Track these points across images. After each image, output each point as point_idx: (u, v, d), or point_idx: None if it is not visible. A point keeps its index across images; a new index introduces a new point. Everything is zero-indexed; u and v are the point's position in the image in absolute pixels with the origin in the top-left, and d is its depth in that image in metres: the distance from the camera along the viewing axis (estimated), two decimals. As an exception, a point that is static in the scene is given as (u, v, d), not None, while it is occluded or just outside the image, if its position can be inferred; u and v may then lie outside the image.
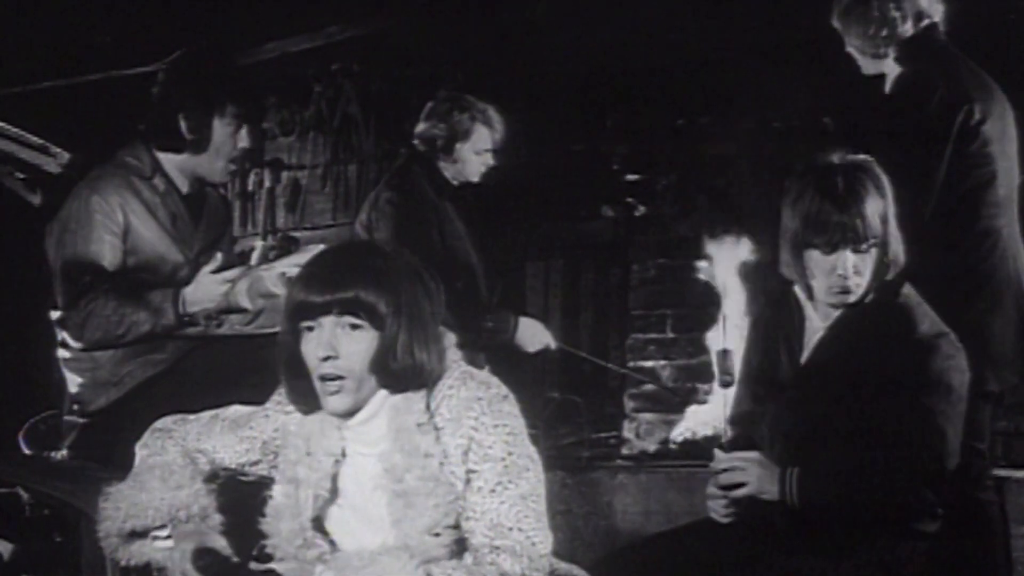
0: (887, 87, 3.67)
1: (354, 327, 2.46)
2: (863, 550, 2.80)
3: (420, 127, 4.47)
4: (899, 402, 2.78)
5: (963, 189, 3.54)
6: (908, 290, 2.93)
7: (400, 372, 2.48)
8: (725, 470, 2.85)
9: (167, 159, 3.61)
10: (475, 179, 4.45)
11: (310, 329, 2.48)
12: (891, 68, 3.65)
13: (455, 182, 4.46)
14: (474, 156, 4.42)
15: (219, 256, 3.50)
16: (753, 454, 2.86)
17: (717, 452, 2.89)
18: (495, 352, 4.42)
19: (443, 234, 4.39)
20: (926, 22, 3.62)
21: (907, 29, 3.61)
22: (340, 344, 2.47)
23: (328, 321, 2.47)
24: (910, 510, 2.79)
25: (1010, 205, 3.65)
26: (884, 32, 3.60)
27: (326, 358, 2.47)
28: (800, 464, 2.81)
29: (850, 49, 3.71)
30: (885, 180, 2.90)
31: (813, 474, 2.79)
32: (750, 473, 2.82)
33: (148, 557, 2.64)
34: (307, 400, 2.55)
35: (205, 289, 3.46)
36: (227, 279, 3.45)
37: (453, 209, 4.45)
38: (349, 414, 2.53)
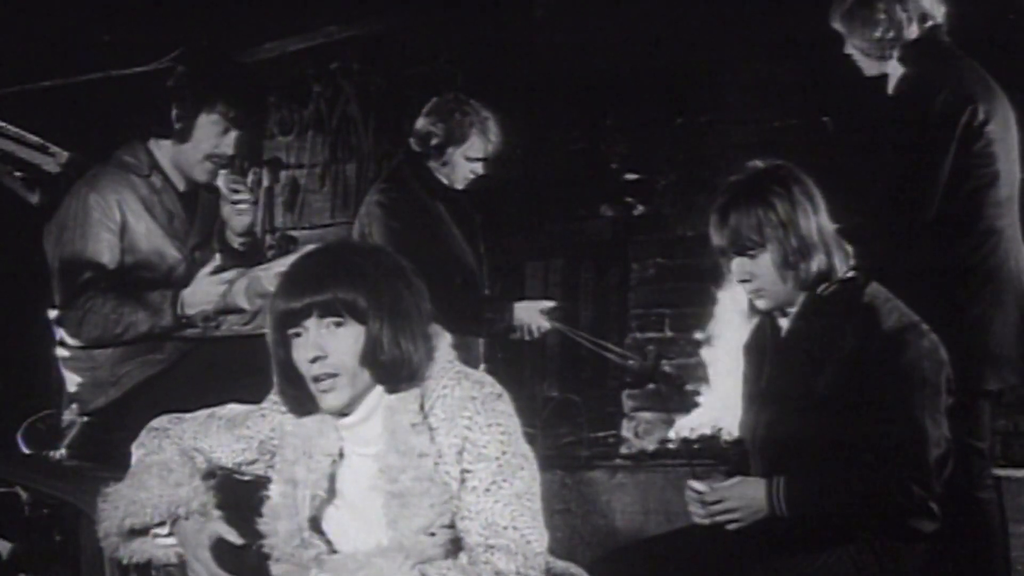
0: (890, 88, 3.67)
1: (338, 324, 2.47)
2: (862, 549, 2.79)
3: (419, 122, 4.45)
4: (874, 401, 2.76)
5: (966, 189, 3.54)
6: (874, 289, 2.89)
7: (389, 364, 2.48)
8: (710, 502, 2.83)
9: (163, 156, 3.61)
10: (459, 186, 4.42)
11: (297, 335, 2.50)
12: (894, 69, 3.65)
13: (447, 183, 4.45)
14: (464, 162, 4.40)
15: (217, 257, 3.50)
16: (733, 486, 2.84)
17: (694, 483, 2.87)
18: (496, 344, 4.40)
19: (437, 235, 4.37)
20: (930, 23, 3.62)
21: (912, 31, 3.61)
22: (327, 343, 2.47)
23: (312, 323, 2.48)
24: (902, 507, 2.77)
25: (1012, 205, 3.64)
26: (890, 34, 3.60)
27: (315, 359, 2.47)
28: (785, 472, 2.80)
29: (851, 50, 3.70)
30: (795, 188, 2.87)
31: (799, 482, 2.79)
32: (733, 503, 2.81)
33: (149, 554, 2.64)
34: (303, 405, 2.55)
35: (203, 290, 3.46)
36: (225, 280, 3.45)
37: (446, 210, 4.44)
38: (346, 411, 2.53)
